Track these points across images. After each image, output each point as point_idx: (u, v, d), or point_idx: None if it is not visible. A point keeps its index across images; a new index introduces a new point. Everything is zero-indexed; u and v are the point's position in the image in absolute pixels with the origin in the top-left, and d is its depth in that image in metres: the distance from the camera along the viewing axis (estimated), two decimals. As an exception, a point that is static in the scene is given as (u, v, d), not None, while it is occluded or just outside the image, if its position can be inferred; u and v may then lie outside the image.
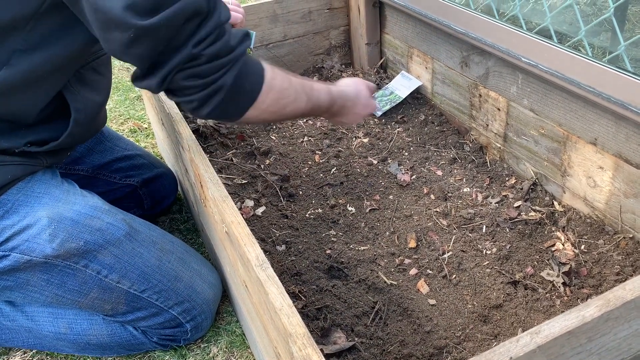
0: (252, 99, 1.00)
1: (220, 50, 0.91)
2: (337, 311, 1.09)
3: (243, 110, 1.00)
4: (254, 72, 0.99)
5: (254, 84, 0.99)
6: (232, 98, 0.96)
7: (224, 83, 0.93)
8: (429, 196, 1.40)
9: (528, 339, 0.63)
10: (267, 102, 1.02)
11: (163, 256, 1.18)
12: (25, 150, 1.05)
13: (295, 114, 1.12)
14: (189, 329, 1.21)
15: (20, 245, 1.04)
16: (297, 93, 1.08)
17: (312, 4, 1.86)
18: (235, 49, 0.94)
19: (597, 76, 1.07)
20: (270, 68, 1.03)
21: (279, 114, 1.08)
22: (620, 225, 1.18)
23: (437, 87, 1.67)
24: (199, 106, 0.96)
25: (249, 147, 1.58)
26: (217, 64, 0.92)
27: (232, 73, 0.94)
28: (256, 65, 1.01)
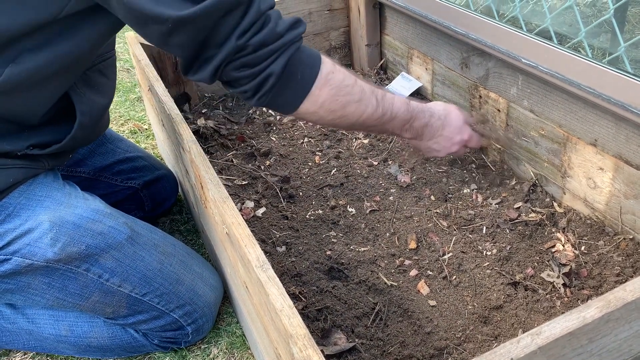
0: (306, 91, 0.97)
1: (267, 38, 0.90)
2: (337, 312, 1.09)
3: (296, 101, 0.98)
4: (309, 62, 0.97)
5: (308, 74, 0.97)
6: (282, 87, 0.95)
7: (273, 70, 0.92)
8: (429, 197, 1.40)
9: (529, 339, 0.63)
10: (324, 96, 0.99)
11: (165, 259, 1.17)
12: (27, 153, 1.05)
13: (363, 119, 1.06)
14: (190, 331, 1.21)
15: (22, 249, 1.04)
16: (364, 94, 1.04)
17: (312, 5, 1.86)
18: (283, 35, 0.92)
19: (597, 77, 1.08)
20: (330, 62, 1.01)
21: (341, 114, 1.03)
22: (620, 227, 1.18)
23: (437, 88, 1.67)
24: (252, 95, 0.96)
25: (249, 148, 1.58)
26: (265, 51, 0.91)
27: (282, 60, 0.92)
28: (313, 55, 0.98)
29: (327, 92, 0.99)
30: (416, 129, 1.17)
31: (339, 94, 1.00)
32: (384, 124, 1.10)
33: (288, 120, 1.75)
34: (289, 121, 1.74)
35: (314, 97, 0.98)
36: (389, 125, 1.12)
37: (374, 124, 1.09)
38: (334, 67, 1.00)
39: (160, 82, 1.34)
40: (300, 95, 0.98)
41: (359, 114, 1.04)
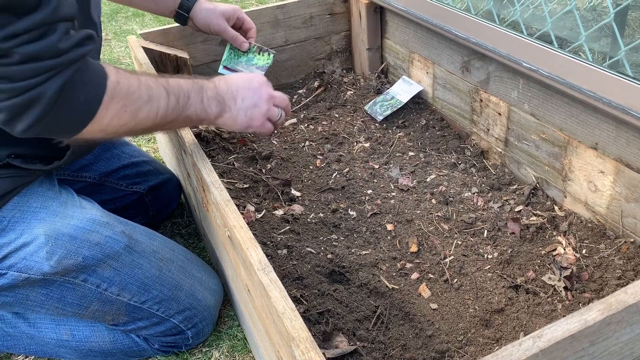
0: (91, 113, 0.84)
1: (42, 51, 0.76)
2: (338, 315, 1.09)
3: (78, 126, 0.85)
4: (94, 80, 0.84)
5: (92, 95, 0.84)
6: (58, 112, 0.81)
7: (43, 92, 0.78)
8: (430, 201, 1.40)
9: (530, 342, 0.63)
10: (111, 113, 0.87)
11: (163, 266, 1.17)
12: (10, 162, 1.01)
13: (160, 116, 0.94)
14: (190, 335, 1.21)
15: (18, 263, 1.03)
16: (151, 90, 0.92)
17: (314, 9, 1.86)
18: (66, 52, 0.79)
19: (598, 81, 1.08)
20: (114, 71, 0.89)
21: (134, 124, 0.91)
22: (621, 230, 1.19)
23: (438, 92, 1.67)
24: (10, 119, 0.79)
25: (250, 152, 1.59)
26: (35, 67, 0.76)
27: (58, 81, 0.79)
28: (97, 72, 0.86)
29: (114, 107, 0.87)
30: (214, 97, 1.03)
31: (127, 104, 0.89)
32: (183, 110, 0.98)
33: (289, 124, 1.75)
34: (290, 125, 1.75)
35: (100, 118, 0.86)
36: (190, 110, 0.99)
37: (174, 116, 0.97)
38: (118, 75, 0.89)
39: (162, 86, 1.34)
40: (84, 120, 0.85)
41: (154, 113, 0.93)
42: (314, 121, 1.75)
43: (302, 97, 1.88)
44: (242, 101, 1.06)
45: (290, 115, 1.16)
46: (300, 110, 1.82)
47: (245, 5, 3.32)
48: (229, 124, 1.08)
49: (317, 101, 1.85)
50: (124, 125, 0.90)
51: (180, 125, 1.05)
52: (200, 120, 1.04)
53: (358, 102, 1.81)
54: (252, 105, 1.08)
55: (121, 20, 3.19)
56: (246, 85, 1.08)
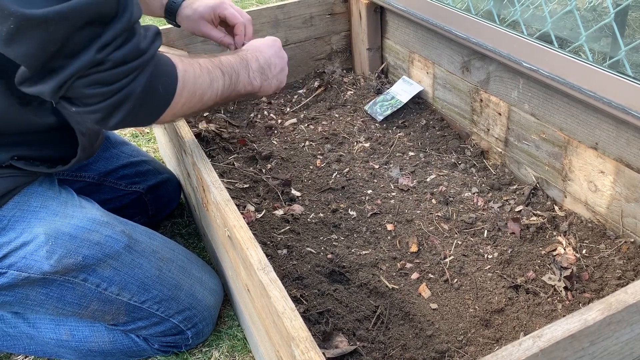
0: (168, 101, 0.92)
1: (129, 54, 0.82)
2: (338, 315, 1.09)
3: (158, 114, 0.93)
4: (167, 71, 0.91)
5: (168, 85, 0.91)
6: (143, 104, 0.88)
7: (133, 90, 0.84)
8: (430, 200, 1.40)
9: (530, 342, 0.63)
10: (184, 99, 0.95)
11: (163, 265, 1.17)
12: (12, 164, 1.03)
13: (219, 96, 1.02)
14: (190, 335, 1.21)
15: (18, 262, 1.03)
16: (210, 73, 1.00)
17: (314, 9, 1.86)
18: (146, 51, 0.85)
19: (598, 81, 1.08)
20: (179, 60, 0.95)
21: (200, 105, 1.00)
22: (621, 230, 1.19)
23: (438, 92, 1.67)
24: (105, 117, 0.86)
25: (250, 152, 1.59)
26: (125, 69, 0.82)
27: (143, 78, 0.85)
28: (167, 63, 0.92)
29: (186, 93, 0.95)
30: (257, 70, 1.12)
31: (196, 89, 0.96)
32: (235, 86, 1.06)
33: (289, 124, 1.75)
34: (290, 125, 1.75)
35: (174, 105, 0.94)
36: (240, 85, 1.07)
37: (228, 93, 1.05)
38: (182, 63, 0.95)
39: (162, 86, 1.34)
40: (163, 108, 0.92)
41: (215, 94, 1.01)
42: (314, 121, 1.75)
43: (302, 97, 1.88)
44: (275, 68, 1.17)
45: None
46: (301, 110, 1.82)
47: (245, 5, 3.32)
48: (265, 91, 1.16)
49: (317, 101, 1.85)
50: (192, 107, 0.98)
51: (231, 100, 1.12)
52: (247, 93, 1.13)
53: (358, 102, 1.81)
54: (281, 69, 1.19)
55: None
56: (273, 52, 1.18)
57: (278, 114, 1.82)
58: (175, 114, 0.96)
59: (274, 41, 1.21)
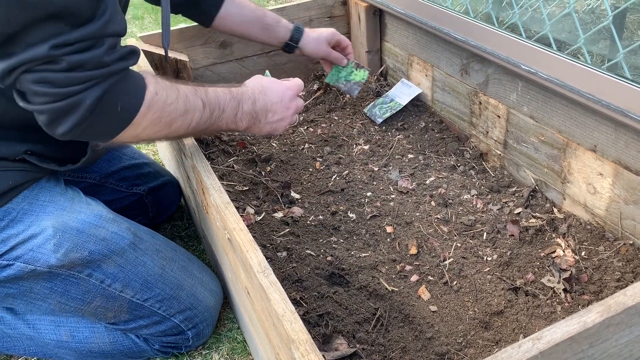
0: (126, 121, 0.90)
1: (87, 62, 0.81)
2: (338, 318, 1.09)
3: (114, 132, 0.91)
4: (132, 90, 0.89)
5: (130, 105, 0.89)
6: (97, 119, 0.86)
7: (83, 99, 0.82)
8: (430, 203, 1.40)
9: (530, 344, 0.63)
10: (146, 122, 0.92)
11: (166, 265, 1.18)
12: (25, 158, 1.05)
13: (193, 127, 1.00)
14: (190, 336, 1.21)
15: (25, 254, 1.04)
16: (188, 102, 0.97)
17: (313, 12, 1.87)
18: (108, 65, 0.84)
19: (597, 83, 1.08)
20: (153, 83, 0.93)
21: (166, 132, 0.97)
22: (620, 232, 1.19)
23: (437, 95, 1.67)
24: (51, 121, 0.85)
25: (250, 154, 1.59)
26: (79, 76, 0.81)
27: (97, 90, 0.83)
28: (137, 83, 0.91)
29: (150, 117, 0.92)
30: (249, 113, 1.09)
31: (163, 115, 0.94)
32: (215, 121, 1.03)
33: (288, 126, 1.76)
34: (290, 127, 1.75)
35: (135, 125, 0.91)
36: (221, 121, 1.05)
37: (205, 126, 1.03)
38: (157, 86, 0.93)
39: (161, 89, 1.35)
40: (119, 126, 0.90)
41: (187, 124, 0.98)
42: (314, 124, 1.76)
43: (301, 100, 1.88)
44: (273, 115, 1.14)
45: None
46: (300, 113, 1.82)
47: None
48: (254, 132, 1.16)
49: (316, 104, 1.86)
50: (156, 133, 0.96)
51: (208, 134, 1.15)
52: (228, 130, 1.14)
53: (357, 105, 1.81)
54: (280, 119, 1.15)
55: (121, 23, 3.19)
56: (279, 99, 1.14)
57: (277, 117, 1.82)
58: (138, 136, 0.94)
59: (286, 89, 1.17)
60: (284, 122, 1.16)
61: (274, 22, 1.52)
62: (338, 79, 1.67)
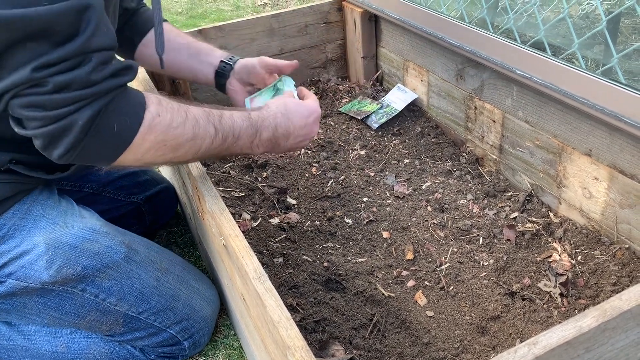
0: (125, 143, 0.84)
1: (74, 81, 0.77)
2: (335, 324, 1.09)
3: (114, 155, 0.86)
4: (130, 111, 0.84)
5: (127, 125, 0.84)
6: (92, 141, 0.82)
7: (74, 121, 0.78)
8: (426, 208, 1.40)
9: (526, 349, 0.63)
10: (148, 144, 0.87)
11: (161, 276, 1.17)
12: (10, 168, 1.01)
13: (202, 152, 0.94)
14: (187, 346, 1.21)
15: (17, 271, 1.02)
16: (198, 128, 0.91)
17: (308, 18, 1.87)
18: (98, 83, 0.79)
19: (591, 88, 1.09)
20: (156, 102, 0.88)
21: (172, 156, 0.91)
22: (616, 236, 1.19)
23: (432, 100, 1.68)
24: (46, 145, 0.81)
25: (246, 160, 1.59)
26: (67, 96, 0.77)
27: (88, 111, 0.79)
28: (135, 101, 0.86)
29: (152, 140, 0.87)
30: (268, 140, 1.03)
31: (167, 138, 0.88)
32: (228, 148, 0.97)
33: (285, 132, 1.75)
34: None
35: (135, 148, 0.86)
36: (235, 148, 0.99)
37: (216, 152, 0.97)
38: (159, 107, 0.88)
39: (157, 95, 1.34)
40: (117, 149, 0.85)
41: (195, 150, 0.93)
42: (310, 129, 1.76)
43: (297, 106, 1.88)
44: (293, 139, 1.08)
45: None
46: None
47: (241, 14, 3.33)
48: (268, 154, 1.11)
49: (312, 109, 1.86)
50: (161, 156, 0.90)
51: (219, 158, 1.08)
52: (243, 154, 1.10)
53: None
54: (298, 142, 1.09)
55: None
56: (303, 124, 1.08)
57: (273, 122, 1.82)
58: (141, 159, 0.89)
59: (312, 112, 1.10)
60: (303, 142, 1.10)
61: (207, 50, 1.34)
62: (350, 109, 1.74)
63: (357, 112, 1.75)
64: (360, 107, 1.77)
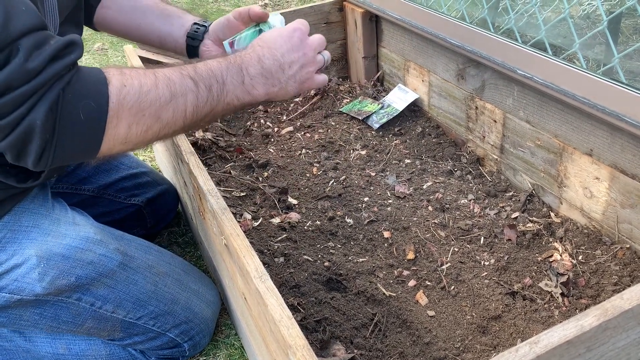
0: (99, 128, 0.74)
1: (12, 78, 0.67)
2: (336, 323, 1.09)
3: (93, 145, 0.76)
4: (90, 91, 0.74)
5: (93, 108, 0.73)
6: (62, 136, 0.73)
7: (33, 121, 0.70)
8: (427, 208, 1.40)
9: (527, 348, 0.63)
10: (127, 121, 0.76)
11: (159, 280, 1.15)
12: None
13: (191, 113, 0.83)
14: (187, 348, 1.20)
15: (9, 285, 1.01)
16: (173, 85, 0.81)
17: (309, 18, 1.87)
18: (40, 71, 0.69)
19: (592, 88, 1.09)
20: (117, 74, 0.78)
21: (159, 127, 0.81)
22: (617, 236, 1.19)
23: (433, 100, 1.68)
24: (19, 156, 0.74)
25: (247, 160, 1.59)
26: (12, 97, 0.68)
27: (43, 105, 0.70)
28: (94, 80, 0.75)
29: (128, 114, 0.76)
30: (259, 74, 0.90)
31: (143, 107, 0.78)
32: (220, 99, 0.86)
33: (286, 132, 1.76)
34: (287, 133, 1.75)
35: (114, 129, 0.76)
36: (229, 97, 0.87)
37: (210, 108, 0.85)
38: (122, 77, 0.78)
39: (158, 95, 1.34)
40: (94, 137, 0.75)
41: (182, 111, 0.82)
42: (311, 129, 1.76)
43: (298, 106, 1.89)
44: (290, 67, 0.94)
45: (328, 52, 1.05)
46: (297, 119, 1.82)
47: (242, 14, 3.33)
48: (280, 97, 0.95)
49: (313, 109, 1.86)
50: (147, 131, 0.80)
51: (222, 115, 0.91)
52: (246, 104, 0.92)
53: (354, 110, 1.81)
54: (301, 66, 0.95)
55: (118, 30, 3.19)
56: (289, 46, 0.94)
57: (274, 122, 1.82)
58: (127, 140, 0.79)
59: (292, 31, 0.97)
60: (309, 67, 0.96)
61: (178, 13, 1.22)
62: (351, 109, 1.72)
63: (358, 112, 1.75)
64: (361, 107, 1.77)
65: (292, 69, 0.95)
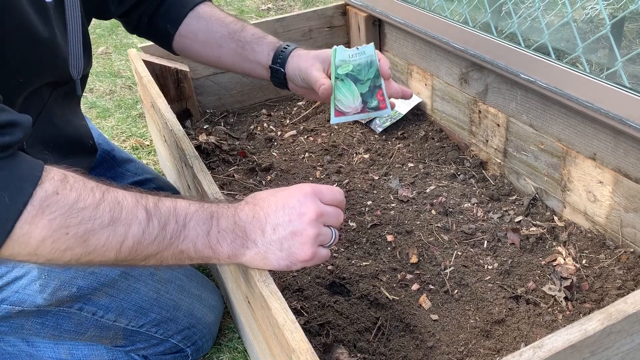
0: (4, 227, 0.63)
1: None
2: (339, 327, 1.09)
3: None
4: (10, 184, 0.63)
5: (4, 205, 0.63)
6: None
7: None
8: (430, 211, 1.40)
9: (531, 353, 0.63)
10: (41, 233, 0.65)
11: (161, 287, 1.15)
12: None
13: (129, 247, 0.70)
14: (190, 353, 1.20)
15: (11, 296, 1.01)
16: (118, 210, 0.69)
17: (313, 22, 1.88)
18: None
19: (595, 92, 1.09)
20: (59, 178, 0.67)
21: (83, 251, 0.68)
22: (621, 240, 1.19)
23: (436, 104, 1.68)
24: None
25: (250, 164, 1.59)
26: None
27: None
28: (23, 172, 0.65)
29: (46, 225, 0.65)
30: (229, 229, 0.77)
31: (69, 224, 0.66)
32: (172, 242, 0.73)
33: (289, 135, 1.76)
34: (290, 136, 1.76)
35: (21, 236, 0.64)
36: (185, 243, 0.74)
37: (155, 248, 0.72)
38: (61, 184, 0.66)
39: (162, 99, 1.35)
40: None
41: (117, 242, 0.69)
42: (314, 133, 1.76)
43: (301, 109, 1.89)
44: (274, 231, 0.78)
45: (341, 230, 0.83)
46: (300, 122, 1.83)
47: (245, 19, 3.34)
48: (257, 264, 0.80)
49: (316, 113, 1.86)
50: (65, 252, 0.68)
51: (171, 265, 0.77)
52: (205, 259, 0.78)
53: (357, 114, 1.81)
54: (291, 234, 0.78)
55: (121, 34, 3.21)
56: (280, 204, 0.78)
57: (278, 126, 1.83)
58: (35, 253, 0.67)
59: (296, 189, 0.80)
60: (301, 238, 0.77)
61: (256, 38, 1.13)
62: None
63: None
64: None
65: (277, 233, 0.78)
